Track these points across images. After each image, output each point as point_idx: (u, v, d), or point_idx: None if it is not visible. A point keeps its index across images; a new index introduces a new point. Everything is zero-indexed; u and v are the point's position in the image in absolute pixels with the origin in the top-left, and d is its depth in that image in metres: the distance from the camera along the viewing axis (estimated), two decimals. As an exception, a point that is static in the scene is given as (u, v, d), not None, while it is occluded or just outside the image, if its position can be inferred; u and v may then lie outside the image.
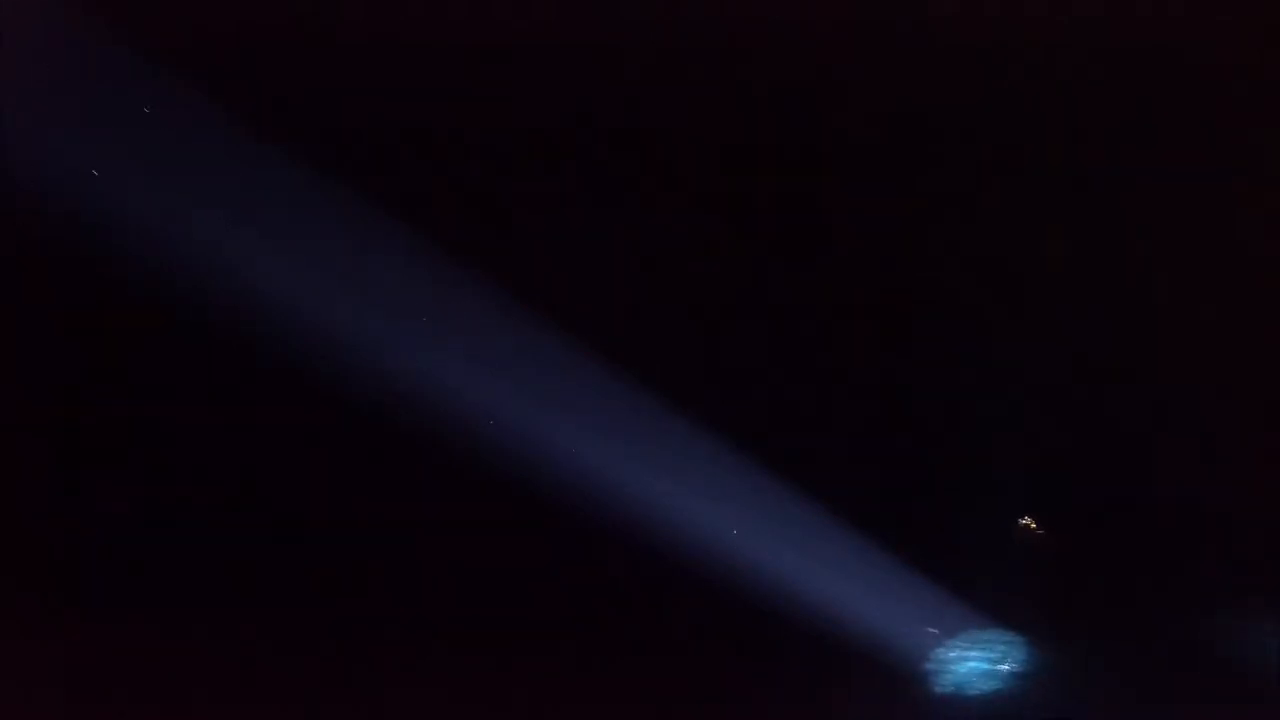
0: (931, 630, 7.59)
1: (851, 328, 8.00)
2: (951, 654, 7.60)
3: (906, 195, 8.10)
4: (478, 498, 7.69)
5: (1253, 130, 8.03)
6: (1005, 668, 7.60)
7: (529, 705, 7.54)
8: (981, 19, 7.98)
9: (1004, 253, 8.07)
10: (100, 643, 7.49)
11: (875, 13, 7.96)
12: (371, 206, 7.60)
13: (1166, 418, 7.88)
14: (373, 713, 7.49)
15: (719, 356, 7.95)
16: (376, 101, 7.80)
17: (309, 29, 7.71)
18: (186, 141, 7.58)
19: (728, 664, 7.66)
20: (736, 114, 8.02)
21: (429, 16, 7.78)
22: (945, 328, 8.02)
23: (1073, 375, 7.98)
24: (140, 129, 7.57)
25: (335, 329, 7.55)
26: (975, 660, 7.59)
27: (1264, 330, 7.91)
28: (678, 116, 7.98)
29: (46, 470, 7.69)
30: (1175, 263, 8.00)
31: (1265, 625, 7.60)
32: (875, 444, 7.92)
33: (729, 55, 7.94)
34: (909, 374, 8.00)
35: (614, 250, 7.96)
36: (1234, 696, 7.47)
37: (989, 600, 7.64)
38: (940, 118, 8.09)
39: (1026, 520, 7.83)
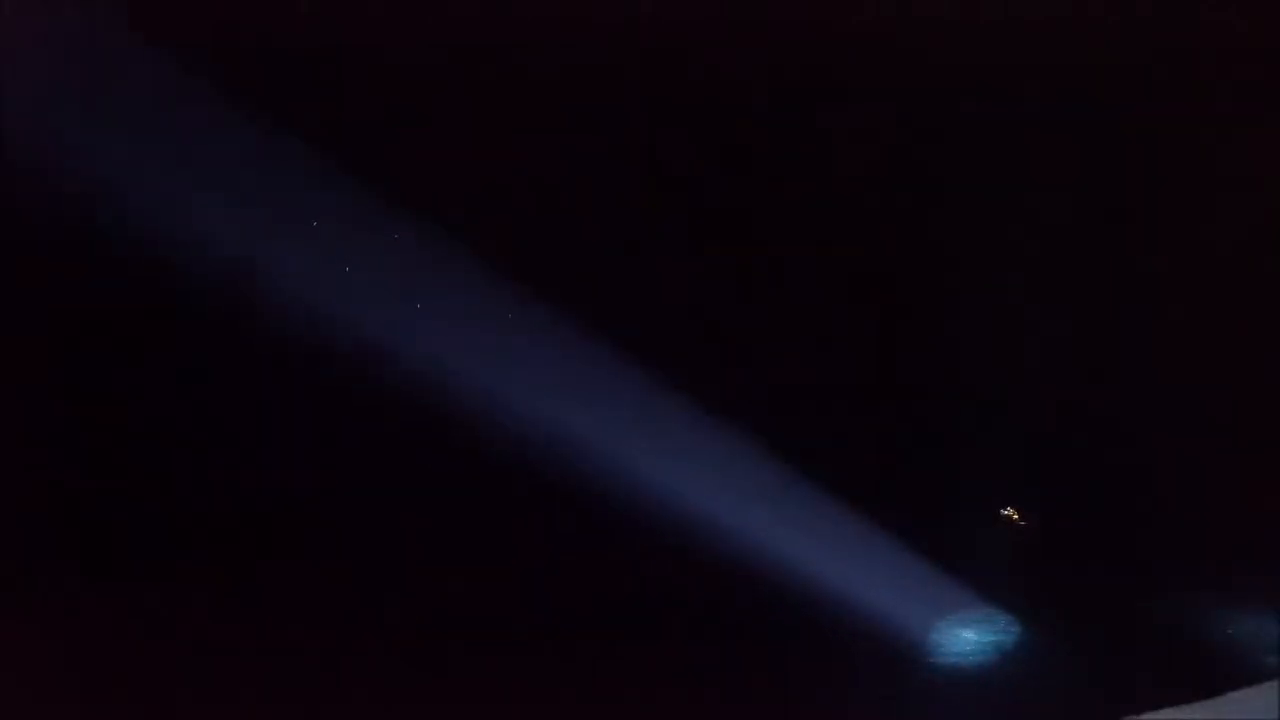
0: (930, 610, 7.67)
1: (862, 323, 8.10)
2: (949, 633, 7.68)
3: (911, 193, 8.18)
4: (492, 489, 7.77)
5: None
6: (1001, 646, 7.69)
7: (534, 697, 7.56)
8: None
9: (1009, 251, 8.14)
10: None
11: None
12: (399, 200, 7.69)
13: (1158, 410, 7.98)
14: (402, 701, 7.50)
15: (730, 349, 8.03)
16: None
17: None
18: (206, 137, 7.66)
19: (729, 643, 7.72)
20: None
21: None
22: (952, 325, 8.14)
23: (1070, 371, 8.04)
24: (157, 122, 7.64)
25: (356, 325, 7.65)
26: (972, 639, 7.67)
27: (1256, 324, 8.00)
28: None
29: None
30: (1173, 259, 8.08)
31: (1250, 608, 7.69)
32: (881, 433, 8.01)
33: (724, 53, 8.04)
34: (918, 369, 8.07)
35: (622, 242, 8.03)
36: (1225, 674, 7.54)
37: (985, 582, 7.72)
38: (944, 116, 8.17)
39: (1008, 510, 7.91)
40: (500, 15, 7.92)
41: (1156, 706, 6.94)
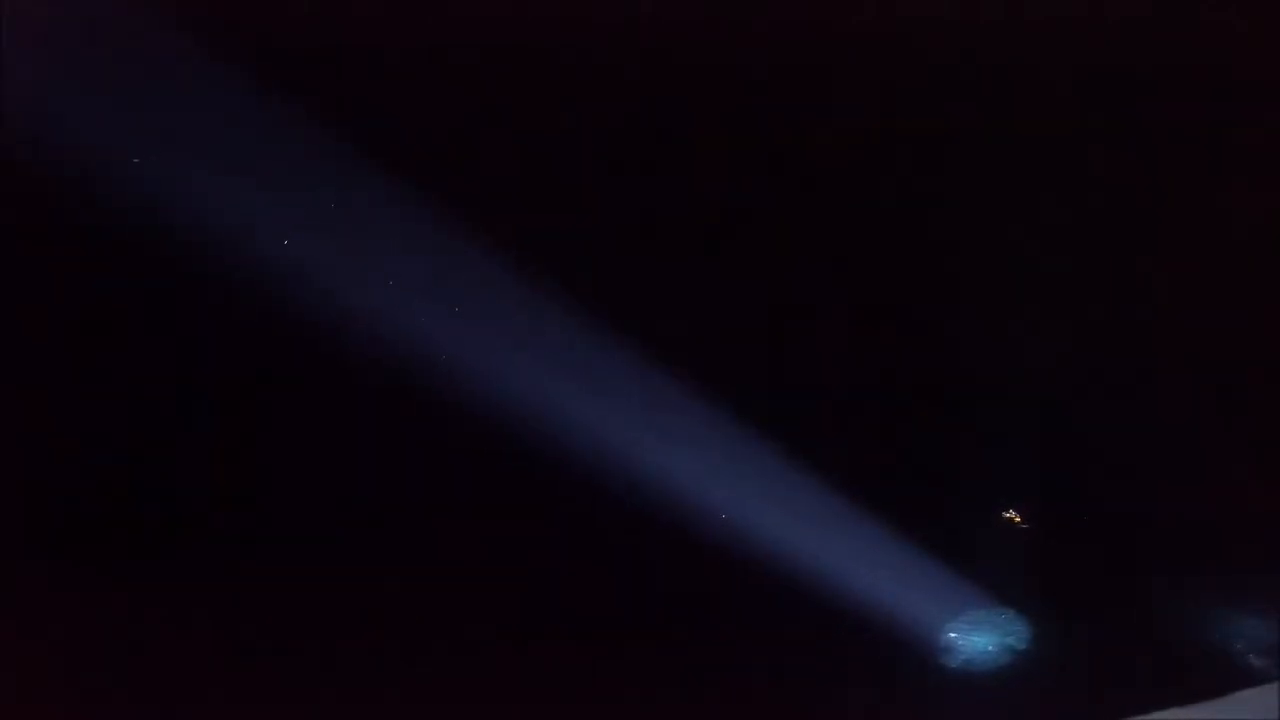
0: (929, 610, 7.69)
1: (868, 324, 8.14)
2: (947, 633, 7.69)
3: (913, 191, 8.20)
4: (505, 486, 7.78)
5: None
6: (999, 646, 7.71)
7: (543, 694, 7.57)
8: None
9: (1011, 251, 8.17)
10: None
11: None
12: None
13: (1159, 409, 8.02)
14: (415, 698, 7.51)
15: (729, 349, 8.03)
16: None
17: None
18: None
19: (731, 643, 7.72)
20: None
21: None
22: (953, 325, 8.15)
23: (1071, 372, 8.07)
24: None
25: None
26: (979, 639, 7.70)
27: (1258, 324, 8.03)
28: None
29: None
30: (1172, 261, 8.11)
31: (1250, 608, 7.72)
32: (880, 432, 8.05)
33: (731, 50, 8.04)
34: (923, 368, 8.11)
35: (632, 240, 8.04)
36: (1226, 674, 7.57)
37: (983, 582, 7.74)
38: (944, 116, 8.19)
39: (1007, 511, 7.95)
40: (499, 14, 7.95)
41: (1157, 707, 6.97)
